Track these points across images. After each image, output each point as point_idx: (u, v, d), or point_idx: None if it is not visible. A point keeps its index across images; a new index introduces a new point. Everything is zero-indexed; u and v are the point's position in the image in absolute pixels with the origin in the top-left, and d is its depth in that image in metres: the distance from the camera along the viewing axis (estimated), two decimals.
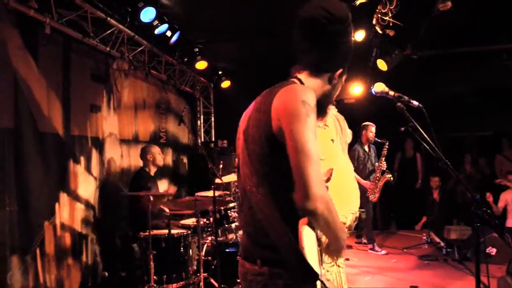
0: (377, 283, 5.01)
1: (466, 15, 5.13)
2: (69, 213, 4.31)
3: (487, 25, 5.48)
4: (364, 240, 6.70)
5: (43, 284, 3.90)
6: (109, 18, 4.31)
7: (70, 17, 4.00)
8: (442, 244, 6.23)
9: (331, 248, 1.69)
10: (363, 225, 6.51)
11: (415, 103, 2.43)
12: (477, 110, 7.99)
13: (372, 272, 5.37)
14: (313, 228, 1.51)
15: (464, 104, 7.93)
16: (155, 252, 4.00)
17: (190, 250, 4.37)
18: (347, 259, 5.91)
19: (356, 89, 7.32)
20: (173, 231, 4.28)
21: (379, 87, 2.44)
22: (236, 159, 1.80)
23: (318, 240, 1.66)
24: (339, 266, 3.00)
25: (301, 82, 1.65)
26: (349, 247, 6.72)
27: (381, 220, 8.12)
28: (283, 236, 1.49)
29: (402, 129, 6.41)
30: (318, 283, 1.49)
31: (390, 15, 4.34)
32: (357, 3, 4.28)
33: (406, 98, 2.41)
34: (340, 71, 1.70)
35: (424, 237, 6.67)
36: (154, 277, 4.05)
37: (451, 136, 8.36)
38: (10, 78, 3.62)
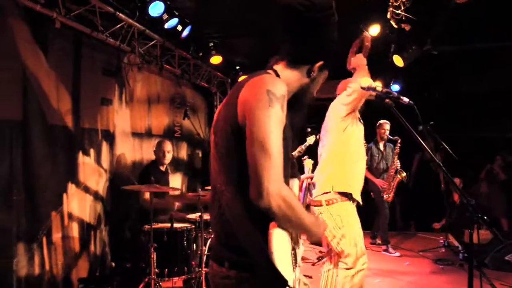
0: (386, 286, 4.89)
1: (492, 8, 4.91)
2: (77, 204, 4.41)
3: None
4: (379, 241, 6.55)
5: (49, 272, 4.01)
6: (118, 13, 4.35)
7: (78, 11, 4.06)
8: (460, 248, 6.02)
9: (312, 242, 1.64)
10: (378, 225, 6.37)
11: (405, 99, 2.32)
12: (503, 109, 7.64)
13: (382, 275, 5.24)
14: (284, 229, 1.45)
15: (492, 103, 7.59)
16: (156, 245, 4.04)
17: (194, 245, 4.39)
18: None
19: None
20: (177, 225, 4.31)
21: (366, 82, 2.35)
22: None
23: (296, 241, 1.61)
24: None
25: (276, 73, 1.58)
26: None
27: (400, 221, 7.92)
28: (252, 238, 1.42)
29: (420, 128, 6.26)
30: None
31: (402, 8, 4.18)
32: None
33: (396, 94, 2.30)
34: (320, 63, 1.62)
35: (442, 241, 6.45)
36: (156, 269, 4.09)
37: (479, 136, 8.04)
38: (18, 72, 3.72)
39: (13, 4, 3.54)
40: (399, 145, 6.00)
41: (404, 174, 5.96)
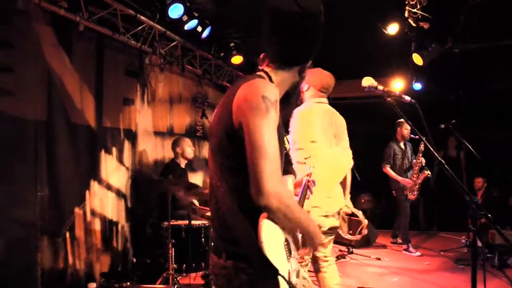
0: (403, 285, 4.86)
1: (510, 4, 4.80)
2: (100, 201, 4.56)
3: None
4: (400, 240, 6.49)
5: (72, 266, 4.18)
6: (139, 15, 4.48)
7: (100, 14, 4.21)
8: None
9: (306, 240, 1.68)
10: (399, 224, 6.32)
11: (407, 98, 2.33)
12: None
13: (401, 273, 5.21)
14: (275, 222, 1.50)
15: None
16: (174, 241, 4.15)
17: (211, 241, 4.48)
18: (379, 259, 5.77)
19: (397, 85, 7.07)
20: (195, 222, 4.41)
21: (367, 81, 2.37)
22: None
23: (293, 233, 1.66)
24: (326, 261, 2.98)
25: (269, 76, 1.64)
26: (384, 246, 6.55)
27: (423, 220, 7.81)
28: (244, 230, 1.50)
29: (442, 126, 6.19)
30: (281, 279, 1.50)
31: (419, 6, 4.15)
32: None
33: (397, 93, 2.32)
34: (309, 63, 1.71)
35: (463, 240, 6.34)
36: (174, 265, 4.22)
37: (506, 136, 7.84)
38: (44, 73, 3.89)
39: (38, 9, 3.70)
40: (423, 143, 5.94)
41: (429, 171, 5.91)
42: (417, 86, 6.91)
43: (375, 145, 6.81)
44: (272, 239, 1.48)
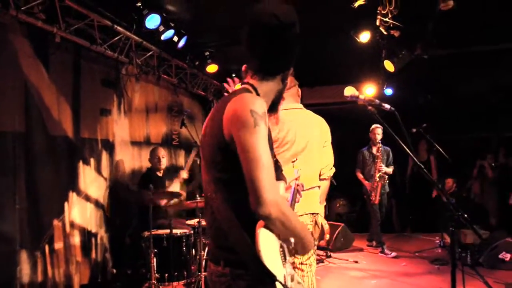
0: (383, 286, 4.98)
1: (478, 12, 5.06)
2: (78, 212, 4.52)
3: (501, 21, 5.37)
4: (375, 243, 6.66)
5: (52, 279, 4.12)
6: (115, 26, 4.50)
7: (78, 25, 4.21)
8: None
9: (298, 247, 1.75)
10: (372, 228, 6.49)
11: (387, 106, 2.44)
12: (499, 109, 7.79)
13: (379, 276, 5.35)
14: (271, 230, 1.55)
15: (485, 104, 7.75)
16: (156, 250, 4.15)
17: (193, 250, 4.51)
18: (356, 262, 5.90)
19: (369, 90, 7.28)
20: (176, 231, 4.42)
21: (349, 91, 2.46)
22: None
23: (286, 240, 1.73)
24: (302, 269, 3.01)
25: (254, 88, 1.70)
26: (360, 249, 6.70)
27: (397, 223, 8.03)
28: (241, 239, 1.54)
29: (414, 130, 6.39)
30: (278, 284, 1.55)
31: (390, 16, 4.33)
32: (356, 5, 4.29)
33: (378, 101, 2.42)
34: (291, 70, 1.78)
35: (437, 241, 6.56)
36: (156, 274, 4.21)
37: (473, 137, 8.19)
38: (21, 85, 3.87)
39: (15, 21, 3.67)
40: (380, 149, 6.17)
41: (386, 178, 6.14)
42: (388, 91, 7.13)
43: (349, 151, 6.98)
44: (268, 246, 1.53)
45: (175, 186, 6.23)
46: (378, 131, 6.41)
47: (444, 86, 7.63)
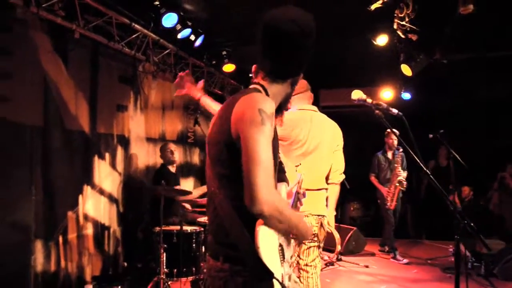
0: None
1: (497, 17, 4.98)
2: (92, 205, 4.63)
3: None
4: (387, 248, 6.59)
5: (64, 269, 4.23)
6: (133, 24, 4.58)
7: (96, 23, 4.30)
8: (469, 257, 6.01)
9: (298, 239, 1.77)
10: (385, 233, 6.44)
11: (394, 110, 2.43)
12: None
13: (388, 281, 5.30)
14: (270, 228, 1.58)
15: (506, 111, 7.57)
16: (165, 246, 4.22)
17: (202, 247, 4.56)
18: (367, 266, 5.86)
19: (386, 94, 7.22)
20: (186, 228, 4.48)
21: (356, 94, 2.46)
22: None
23: (287, 238, 1.76)
24: (307, 271, 3.03)
25: (264, 89, 1.73)
26: (372, 254, 6.65)
27: (412, 229, 7.94)
28: (241, 235, 1.57)
29: (431, 136, 6.33)
30: (275, 282, 1.58)
31: (407, 19, 4.29)
32: (372, 8, 4.26)
33: (385, 105, 2.41)
34: (301, 75, 1.81)
35: (451, 249, 6.45)
36: (165, 269, 4.28)
37: (493, 145, 8.01)
38: (40, 80, 3.98)
39: (36, 18, 3.78)
40: (401, 154, 6.09)
41: (404, 183, 6.04)
42: (406, 96, 7.05)
43: (366, 154, 6.94)
44: (267, 244, 1.56)
45: (188, 184, 6.32)
46: (394, 136, 6.34)
47: (464, 91, 7.49)
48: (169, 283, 4.26)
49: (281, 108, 1.85)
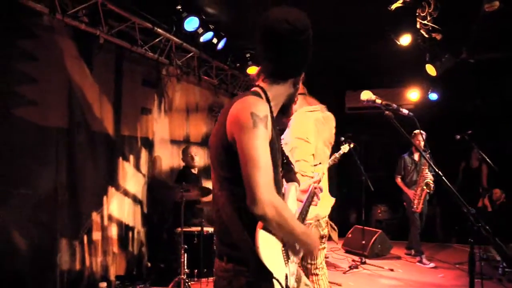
0: None
1: None
2: (116, 206, 4.74)
3: None
4: (414, 252, 6.44)
5: (89, 268, 4.36)
6: (156, 28, 4.68)
7: (119, 28, 4.42)
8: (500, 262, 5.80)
9: (303, 250, 1.77)
10: (411, 236, 6.30)
11: (405, 111, 2.39)
12: None
13: (413, 286, 5.17)
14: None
15: None
16: (186, 246, 4.28)
17: None
18: (392, 270, 5.75)
19: (413, 95, 7.07)
20: (207, 229, 4.53)
21: (366, 95, 2.42)
22: None
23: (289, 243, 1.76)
24: (316, 274, 3.00)
25: (264, 91, 1.74)
26: (398, 257, 6.52)
27: (441, 232, 7.73)
28: (242, 236, 1.60)
29: (458, 137, 6.14)
30: (275, 282, 1.59)
31: (429, 18, 4.19)
32: (393, 7, 4.19)
33: (395, 106, 2.37)
34: (303, 75, 1.81)
35: (479, 254, 6.24)
36: (186, 270, 4.34)
37: None
38: (65, 84, 4.12)
39: (61, 24, 3.92)
40: (428, 156, 5.91)
41: (432, 186, 5.88)
42: (433, 96, 6.89)
43: (393, 156, 6.81)
44: (269, 244, 1.58)
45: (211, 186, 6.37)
46: (421, 137, 6.18)
47: (493, 91, 7.25)
48: (190, 283, 4.32)
49: (286, 109, 1.86)
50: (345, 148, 6.01)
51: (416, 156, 6.33)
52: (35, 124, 3.76)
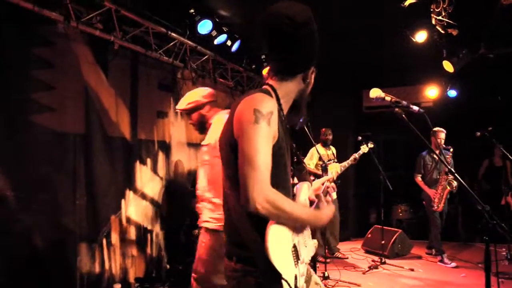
0: None
1: None
2: (135, 209, 4.80)
3: None
4: (435, 251, 6.33)
5: (109, 271, 4.42)
6: (170, 32, 4.72)
7: (133, 33, 4.48)
8: None
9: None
10: (431, 235, 6.18)
11: (415, 108, 2.35)
12: None
13: (433, 285, 5.08)
14: (284, 226, 1.59)
15: None
16: None
17: None
18: (412, 270, 5.66)
19: (431, 92, 6.95)
20: None
21: (374, 92, 2.40)
22: None
23: (303, 237, 1.75)
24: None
25: (274, 89, 1.73)
26: (419, 257, 6.42)
27: (463, 231, 7.57)
28: (251, 236, 1.60)
29: (478, 134, 6.02)
30: (284, 283, 1.59)
31: (444, 13, 4.12)
32: (406, 4, 4.13)
33: (405, 103, 2.34)
34: (312, 69, 1.78)
35: (504, 253, 6.10)
36: None
37: None
38: (81, 90, 4.19)
39: (77, 31, 3.99)
40: (450, 154, 5.80)
41: (455, 184, 5.75)
42: (452, 93, 6.76)
43: (413, 155, 6.70)
44: (279, 245, 1.56)
45: None
46: (441, 135, 6.06)
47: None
48: None
49: (298, 106, 1.85)
50: (364, 149, 5.98)
51: (436, 154, 6.20)
52: (53, 130, 3.83)
